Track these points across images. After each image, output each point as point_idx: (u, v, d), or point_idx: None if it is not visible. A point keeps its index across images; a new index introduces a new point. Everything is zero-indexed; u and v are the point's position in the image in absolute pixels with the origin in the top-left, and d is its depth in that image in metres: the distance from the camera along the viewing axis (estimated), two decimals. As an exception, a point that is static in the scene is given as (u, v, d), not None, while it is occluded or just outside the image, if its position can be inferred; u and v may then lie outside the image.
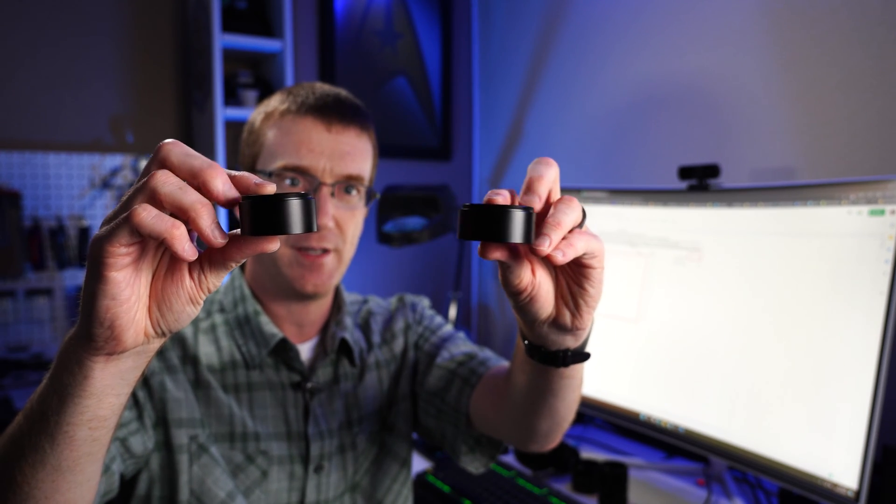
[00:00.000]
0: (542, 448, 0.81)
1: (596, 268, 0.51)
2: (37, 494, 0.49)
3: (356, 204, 0.88)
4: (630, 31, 1.89)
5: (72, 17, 2.13)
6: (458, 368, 0.90)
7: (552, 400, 0.68)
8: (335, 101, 0.86)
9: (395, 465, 0.98)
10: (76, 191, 2.14)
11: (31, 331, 2.09)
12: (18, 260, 2.01)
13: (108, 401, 0.46)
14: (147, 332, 0.44)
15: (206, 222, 0.41)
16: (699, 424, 1.23)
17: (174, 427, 0.82)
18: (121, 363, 0.45)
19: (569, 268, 0.53)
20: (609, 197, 1.48)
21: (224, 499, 0.83)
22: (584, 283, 0.52)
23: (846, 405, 1.03)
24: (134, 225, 0.39)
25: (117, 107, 2.22)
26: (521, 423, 0.75)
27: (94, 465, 0.50)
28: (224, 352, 0.88)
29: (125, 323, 0.42)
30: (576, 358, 0.59)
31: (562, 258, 0.47)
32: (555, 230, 0.46)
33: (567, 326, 0.54)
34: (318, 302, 0.92)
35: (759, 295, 1.18)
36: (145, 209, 0.39)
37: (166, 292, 0.44)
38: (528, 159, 2.31)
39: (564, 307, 0.54)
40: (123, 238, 0.40)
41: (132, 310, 0.43)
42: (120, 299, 0.41)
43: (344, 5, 2.37)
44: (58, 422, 0.45)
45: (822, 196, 1.12)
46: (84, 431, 0.46)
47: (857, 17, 1.37)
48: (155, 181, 0.41)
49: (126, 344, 0.43)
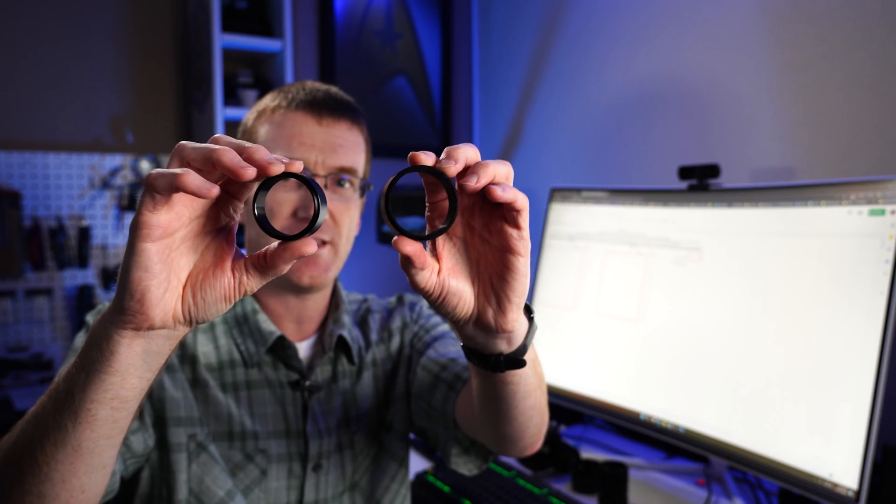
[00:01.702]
0: (520, 453, 0.79)
1: (521, 255, 0.49)
2: (54, 476, 0.50)
3: (350, 196, 0.88)
4: (630, 30, 1.89)
5: (72, 17, 2.13)
6: (443, 372, 0.89)
7: (503, 406, 0.65)
8: (325, 96, 0.88)
9: (393, 465, 0.98)
10: (76, 191, 2.14)
11: (30, 331, 2.09)
12: (18, 260, 2.01)
13: (131, 381, 0.48)
14: (175, 314, 0.46)
15: (229, 155, 0.42)
16: (699, 424, 1.23)
17: (172, 426, 0.82)
18: (146, 342, 0.47)
19: (492, 255, 0.51)
20: (609, 197, 1.48)
21: (223, 497, 0.83)
22: (507, 275, 0.50)
23: (846, 405, 1.03)
24: (150, 182, 0.42)
25: (117, 107, 2.22)
26: (488, 429, 0.74)
27: (111, 451, 0.52)
28: (222, 350, 0.88)
29: (155, 297, 0.44)
30: (510, 364, 0.56)
31: (475, 182, 0.45)
32: (456, 152, 0.46)
33: (491, 327, 0.52)
34: (316, 298, 0.92)
35: (759, 295, 1.18)
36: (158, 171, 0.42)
37: (204, 282, 0.47)
38: (528, 159, 2.31)
39: (487, 305, 0.52)
40: (147, 202, 0.42)
41: (163, 286, 0.44)
42: (152, 272, 0.43)
43: (344, 5, 2.37)
44: (82, 399, 0.47)
45: (822, 196, 1.12)
46: (106, 411, 0.48)
47: (857, 17, 1.36)
48: (178, 153, 0.44)
49: (153, 319, 0.45)
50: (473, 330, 0.54)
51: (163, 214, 0.43)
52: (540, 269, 1.60)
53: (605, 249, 1.46)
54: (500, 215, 0.49)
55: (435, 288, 0.50)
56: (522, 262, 0.50)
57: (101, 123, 2.19)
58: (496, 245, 0.50)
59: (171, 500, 0.82)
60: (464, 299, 0.52)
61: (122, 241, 2.23)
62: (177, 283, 0.46)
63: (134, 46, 2.23)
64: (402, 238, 0.46)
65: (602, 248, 1.46)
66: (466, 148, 0.47)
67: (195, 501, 0.82)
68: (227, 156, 0.42)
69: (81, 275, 2.15)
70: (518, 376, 0.61)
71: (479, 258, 0.52)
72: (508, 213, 0.48)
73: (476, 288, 0.52)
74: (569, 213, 1.55)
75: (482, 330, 0.54)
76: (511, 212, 0.48)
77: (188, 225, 0.45)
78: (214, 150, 0.42)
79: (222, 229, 0.48)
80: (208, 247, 0.47)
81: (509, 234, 0.49)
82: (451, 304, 0.51)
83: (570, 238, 1.54)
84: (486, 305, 0.52)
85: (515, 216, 0.48)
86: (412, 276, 0.49)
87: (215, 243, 0.48)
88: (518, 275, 0.50)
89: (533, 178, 2.26)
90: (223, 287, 0.47)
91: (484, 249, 0.52)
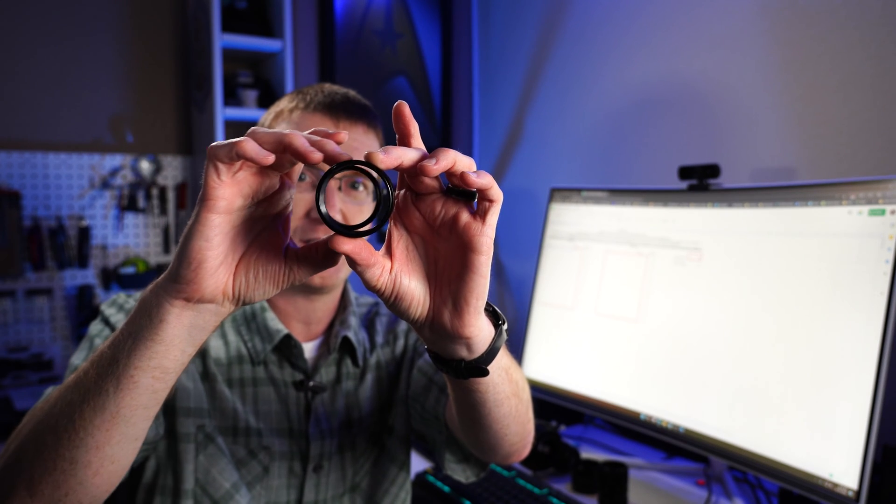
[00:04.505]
0: (503, 461, 0.78)
1: (482, 253, 0.47)
2: (89, 442, 0.51)
3: (364, 200, 0.88)
4: (630, 30, 1.89)
5: (72, 17, 2.13)
6: (436, 375, 0.89)
7: (475, 413, 0.63)
8: (343, 99, 0.88)
9: (394, 468, 0.97)
10: (76, 191, 2.14)
11: (30, 331, 2.09)
12: (18, 260, 2.01)
13: (174, 353, 0.49)
14: (226, 290, 0.48)
15: (299, 139, 0.43)
16: (699, 424, 1.23)
17: (182, 416, 0.83)
18: (194, 315, 0.48)
19: (451, 253, 0.49)
20: (609, 197, 1.48)
21: (229, 490, 0.83)
22: (465, 275, 0.48)
23: (846, 405, 1.03)
24: (212, 152, 0.44)
25: (117, 107, 2.22)
26: (468, 435, 0.73)
27: (145, 423, 0.53)
28: (231, 346, 0.88)
29: (209, 269, 0.46)
30: (471, 371, 0.54)
31: (434, 164, 0.44)
32: (392, 149, 0.45)
33: (448, 330, 0.50)
34: (325, 299, 0.92)
35: (759, 295, 1.18)
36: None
37: (258, 263, 0.49)
38: (528, 159, 2.31)
39: (443, 307, 0.50)
40: (211, 172, 0.44)
41: (219, 259, 0.47)
42: (212, 242, 0.45)
43: (344, 5, 2.37)
44: (126, 364, 0.49)
45: (822, 196, 1.12)
46: (147, 379, 0.49)
47: (857, 17, 1.36)
48: (250, 135, 0.46)
49: (204, 291, 0.47)
50: (430, 333, 0.52)
51: (228, 188, 0.45)
52: (540, 269, 1.60)
53: (605, 249, 1.46)
54: (466, 208, 0.47)
55: (386, 286, 0.49)
56: (483, 260, 0.47)
57: (101, 123, 2.19)
58: (455, 242, 0.48)
59: (177, 490, 0.83)
60: (416, 299, 0.50)
61: (122, 241, 2.23)
62: (231, 259, 0.48)
63: (134, 46, 2.23)
64: (338, 237, 0.45)
65: (602, 248, 1.47)
66: (406, 149, 0.46)
67: (201, 492, 0.83)
68: (298, 139, 0.44)
69: (81, 275, 2.15)
70: (485, 384, 0.58)
71: (438, 256, 0.50)
72: (480, 204, 0.47)
73: (432, 288, 0.50)
74: (569, 213, 1.55)
75: (439, 334, 0.51)
76: (483, 202, 0.46)
77: (250, 206, 0.48)
78: (286, 133, 0.44)
79: (278, 216, 0.50)
80: (265, 231, 0.49)
81: (472, 230, 0.47)
82: (404, 304, 0.50)
83: (570, 238, 1.54)
84: (442, 307, 0.50)
85: (486, 207, 0.46)
86: (361, 275, 0.48)
87: (271, 229, 0.49)
88: (477, 275, 0.48)
89: (533, 178, 2.26)
90: (274, 271, 0.49)
91: (443, 247, 0.50)
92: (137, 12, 2.23)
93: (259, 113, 2.12)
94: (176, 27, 2.30)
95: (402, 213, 0.50)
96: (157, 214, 2.27)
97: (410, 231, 0.50)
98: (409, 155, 0.45)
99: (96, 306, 2.14)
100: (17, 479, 0.53)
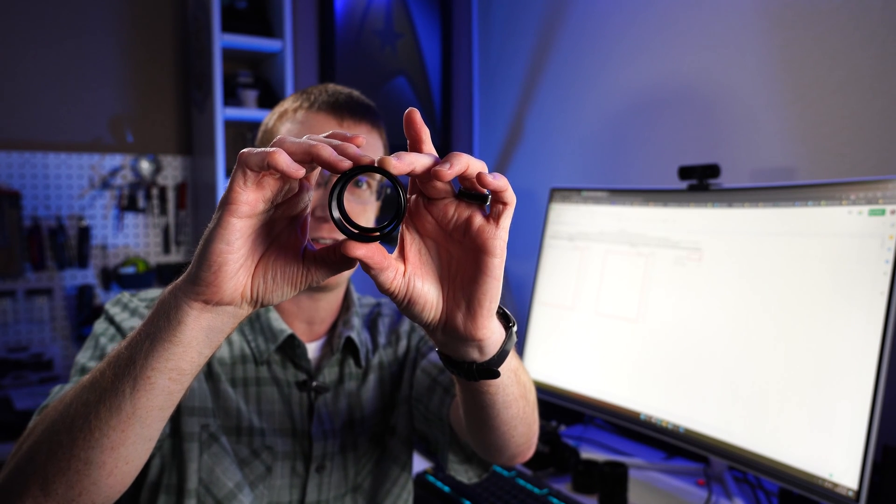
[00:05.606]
0: (508, 462, 0.78)
1: (495, 256, 0.47)
2: (104, 443, 0.51)
3: (367, 199, 0.89)
4: (630, 30, 1.89)
5: (72, 17, 2.13)
6: (440, 376, 0.89)
7: (483, 414, 0.64)
8: (347, 99, 0.88)
9: (396, 468, 0.98)
10: (76, 191, 2.14)
11: (30, 331, 2.09)
12: (18, 260, 2.01)
13: (191, 355, 0.49)
14: (244, 292, 0.48)
15: (327, 150, 0.44)
16: (699, 424, 1.23)
17: (186, 414, 0.83)
18: (212, 317, 0.49)
19: (464, 256, 0.49)
20: (609, 197, 1.48)
21: (232, 489, 0.83)
22: (478, 277, 0.48)
23: (846, 405, 1.03)
24: (242, 159, 0.44)
25: (117, 107, 2.22)
26: (474, 436, 0.73)
27: (159, 423, 0.53)
28: (235, 346, 0.89)
29: (229, 272, 0.46)
30: (483, 373, 0.54)
31: (447, 169, 0.44)
32: (405, 155, 0.45)
33: (461, 333, 0.50)
34: (328, 298, 0.92)
35: (759, 295, 1.18)
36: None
37: (276, 265, 0.49)
38: (528, 159, 2.31)
39: (456, 309, 0.50)
40: (239, 177, 0.44)
41: (239, 262, 0.47)
42: (233, 246, 0.46)
43: (344, 5, 2.37)
44: (143, 366, 0.49)
45: (822, 196, 1.12)
46: (164, 381, 0.49)
47: (857, 17, 1.37)
48: (278, 144, 0.46)
49: (223, 293, 0.47)
50: (443, 336, 0.52)
51: (252, 192, 0.45)
52: (540, 269, 1.60)
53: (605, 249, 1.46)
54: (479, 211, 0.48)
55: (399, 290, 0.49)
56: (497, 263, 0.48)
57: (101, 123, 2.19)
58: (468, 245, 0.48)
59: (181, 489, 0.83)
60: (430, 302, 0.50)
61: (122, 241, 2.23)
62: (251, 262, 0.48)
63: (134, 46, 2.23)
64: (350, 242, 0.45)
65: (602, 247, 1.47)
66: (419, 154, 0.46)
67: (204, 491, 0.83)
68: (326, 150, 0.44)
69: (81, 275, 2.15)
70: (495, 386, 0.59)
71: (451, 259, 0.51)
72: (494, 206, 0.47)
73: (445, 291, 0.51)
74: (569, 213, 1.55)
75: (451, 336, 0.52)
76: (497, 204, 0.47)
77: (271, 209, 0.48)
78: (314, 144, 0.44)
79: (296, 218, 0.50)
80: (283, 233, 0.49)
81: (486, 233, 0.47)
82: (417, 307, 0.50)
83: (570, 238, 1.54)
84: (455, 310, 0.50)
85: (500, 210, 0.47)
86: (375, 279, 0.48)
87: (290, 231, 0.50)
88: (490, 277, 0.48)
89: (533, 178, 2.26)
90: (292, 273, 0.49)
91: (456, 250, 0.50)
92: (137, 12, 2.23)
93: (259, 113, 2.12)
94: (176, 27, 2.30)
95: (414, 217, 0.50)
96: (157, 214, 2.27)
97: (423, 234, 0.50)
98: (422, 160, 0.46)
99: (96, 306, 2.14)
100: (31, 479, 0.53)
